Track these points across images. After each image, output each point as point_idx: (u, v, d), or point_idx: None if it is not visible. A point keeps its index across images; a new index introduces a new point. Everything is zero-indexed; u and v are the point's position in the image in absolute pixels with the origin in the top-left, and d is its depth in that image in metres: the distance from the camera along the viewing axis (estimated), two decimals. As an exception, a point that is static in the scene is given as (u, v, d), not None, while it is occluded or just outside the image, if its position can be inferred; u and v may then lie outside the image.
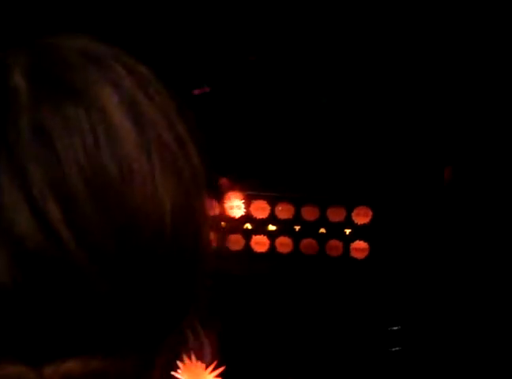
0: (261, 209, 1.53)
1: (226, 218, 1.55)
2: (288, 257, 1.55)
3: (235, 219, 1.55)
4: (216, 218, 1.55)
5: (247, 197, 1.53)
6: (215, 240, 1.55)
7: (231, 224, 1.55)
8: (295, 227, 1.54)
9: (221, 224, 1.55)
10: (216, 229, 1.56)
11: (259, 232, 1.55)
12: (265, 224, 1.55)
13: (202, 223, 0.52)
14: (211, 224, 0.57)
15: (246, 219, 1.55)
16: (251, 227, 1.55)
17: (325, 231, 1.53)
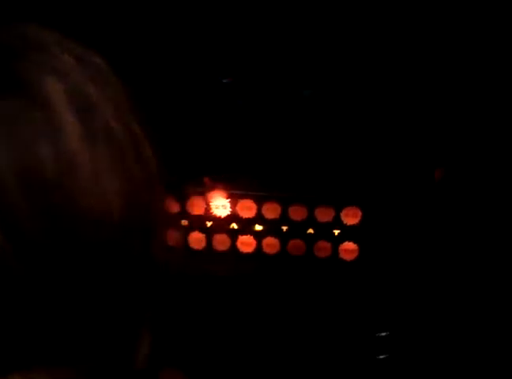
0: (247, 209, 1.49)
1: (211, 217, 1.50)
2: (275, 258, 1.51)
3: (221, 219, 1.50)
4: (202, 217, 1.51)
5: (233, 196, 1.48)
6: (201, 240, 1.51)
7: (217, 224, 1.51)
8: (283, 228, 1.49)
9: (206, 224, 1.51)
10: (201, 229, 1.52)
11: (245, 232, 1.51)
12: (252, 224, 1.50)
13: (155, 222, 0.50)
14: (167, 222, 0.55)
15: (231, 218, 1.50)
16: (237, 227, 1.51)
17: (313, 232, 1.49)
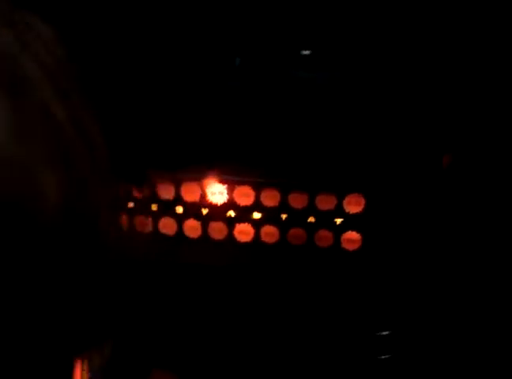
0: (245, 196, 1.42)
1: (207, 205, 1.43)
2: (274, 248, 1.44)
3: (217, 206, 1.43)
4: (197, 205, 1.44)
5: (230, 183, 1.41)
6: (196, 228, 1.45)
7: (213, 211, 1.44)
8: (282, 216, 1.42)
9: (202, 211, 1.44)
10: (196, 217, 1.45)
11: (243, 220, 1.44)
12: (250, 212, 1.43)
13: (101, 213, 0.46)
14: (116, 213, 0.52)
15: (228, 206, 1.43)
16: (234, 215, 1.44)
17: (314, 220, 1.42)
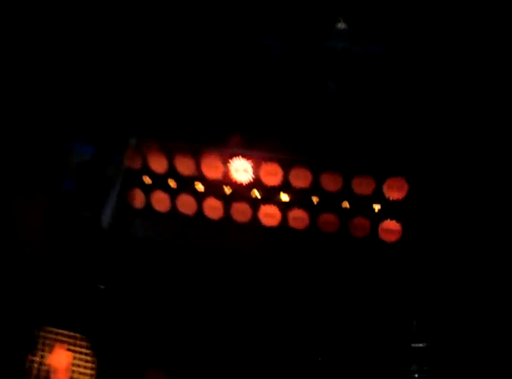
0: (272, 174, 1.26)
1: (230, 183, 1.29)
2: (303, 234, 1.28)
3: (242, 186, 1.28)
4: (219, 182, 1.30)
5: (256, 159, 1.26)
6: (217, 209, 1.31)
7: (237, 191, 1.29)
8: (313, 199, 1.26)
9: (224, 190, 1.30)
10: (218, 196, 1.31)
11: (269, 202, 1.29)
12: (277, 193, 1.28)
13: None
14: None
15: (254, 185, 1.28)
16: (260, 196, 1.29)
17: (348, 206, 1.25)
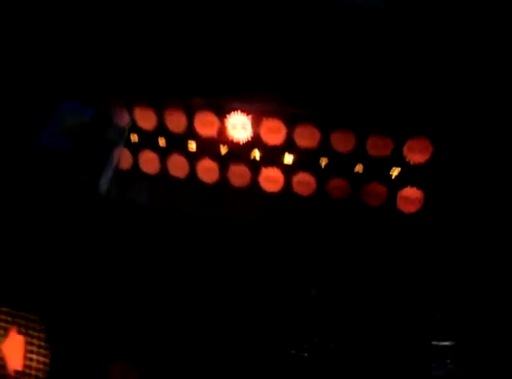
0: (274, 132, 1.10)
1: (227, 141, 1.12)
2: (309, 202, 1.12)
3: (240, 145, 1.12)
4: (214, 141, 1.13)
5: (256, 113, 1.09)
6: (212, 171, 1.15)
7: (234, 151, 1.13)
8: (321, 161, 1.10)
9: (220, 150, 1.13)
10: (212, 156, 1.14)
11: (271, 164, 1.12)
12: (280, 153, 1.11)
13: None
14: None
15: (253, 144, 1.12)
16: (260, 157, 1.13)
17: (362, 170, 1.08)
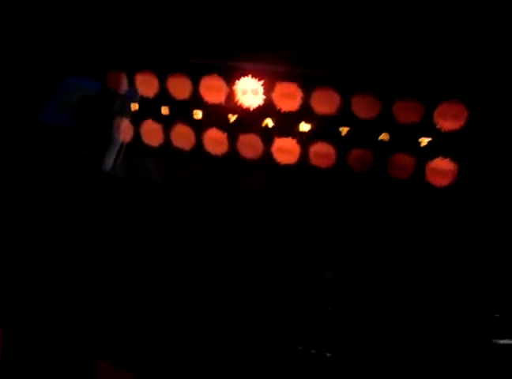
0: (288, 97, 0.98)
1: (236, 109, 1.01)
2: (329, 174, 1.01)
3: (250, 112, 1.01)
4: (221, 108, 1.02)
5: (268, 76, 0.98)
6: (220, 142, 1.05)
7: (244, 119, 1.02)
8: (342, 129, 0.98)
9: (228, 118, 1.02)
10: (220, 125, 1.04)
11: (285, 133, 1.01)
12: (295, 121, 1.00)
13: None
14: None
15: (265, 111, 1.01)
16: (273, 125, 1.01)
17: (387, 139, 0.97)
